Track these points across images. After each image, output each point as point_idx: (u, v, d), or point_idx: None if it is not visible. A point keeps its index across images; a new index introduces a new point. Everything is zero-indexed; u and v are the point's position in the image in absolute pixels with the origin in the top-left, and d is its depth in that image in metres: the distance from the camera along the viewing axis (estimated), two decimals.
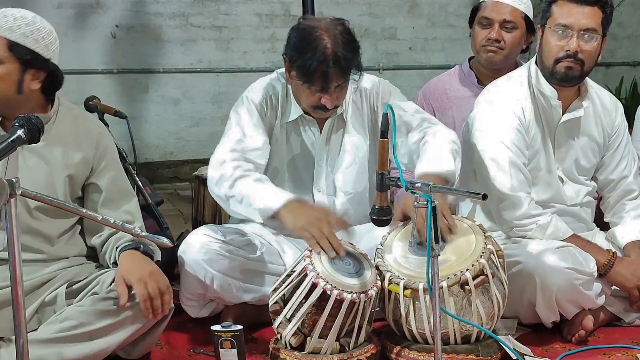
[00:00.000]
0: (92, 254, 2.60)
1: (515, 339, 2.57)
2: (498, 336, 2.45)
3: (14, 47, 2.39)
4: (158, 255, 2.55)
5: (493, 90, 2.85)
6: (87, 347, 2.33)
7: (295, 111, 2.72)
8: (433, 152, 2.61)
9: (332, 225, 2.39)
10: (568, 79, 2.70)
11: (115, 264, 2.49)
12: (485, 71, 3.31)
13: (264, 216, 2.43)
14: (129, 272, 2.38)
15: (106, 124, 3.32)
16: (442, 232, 2.32)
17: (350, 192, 2.79)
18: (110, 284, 2.39)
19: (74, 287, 2.43)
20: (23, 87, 2.42)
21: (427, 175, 2.49)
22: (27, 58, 2.40)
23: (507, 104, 2.76)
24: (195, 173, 3.67)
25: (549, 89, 2.75)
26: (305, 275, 2.34)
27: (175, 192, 5.75)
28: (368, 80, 2.79)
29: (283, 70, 2.70)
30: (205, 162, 2.69)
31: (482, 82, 3.30)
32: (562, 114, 2.79)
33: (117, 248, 2.50)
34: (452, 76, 3.45)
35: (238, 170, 2.53)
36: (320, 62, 2.49)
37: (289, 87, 2.70)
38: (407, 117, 2.74)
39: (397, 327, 2.47)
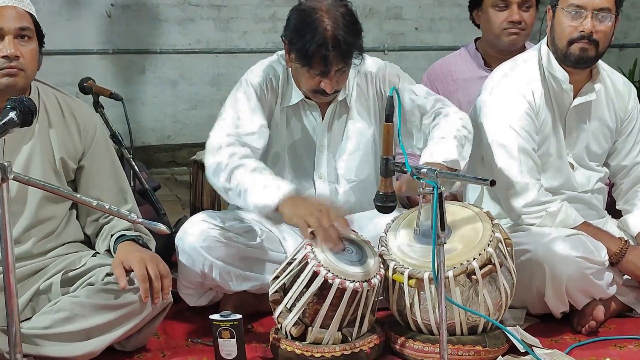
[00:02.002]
0: (89, 239, 2.60)
1: (524, 330, 2.57)
2: (506, 327, 2.45)
3: (36, 23, 2.41)
4: (153, 246, 2.55)
5: (502, 73, 2.84)
6: (85, 346, 2.33)
7: (296, 95, 2.71)
8: (437, 140, 2.60)
9: (333, 219, 2.38)
10: (583, 60, 2.69)
11: (108, 251, 2.50)
12: (497, 54, 3.28)
13: (262, 213, 2.44)
14: (127, 255, 2.39)
15: (101, 106, 3.33)
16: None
17: (353, 179, 2.78)
18: (107, 275, 2.38)
19: (70, 275, 2.43)
20: (39, 67, 2.42)
21: (428, 165, 2.47)
22: (42, 34, 2.41)
23: (517, 87, 2.75)
24: (193, 157, 3.66)
25: (560, 72, 2.74)
26: (306, 263, 2.34)
27: (173, 177, 5.75)
28: (374, 63, 2.77)
29: (284, 52, 2.69)
30: (204, 146, 2.69)
31: (489, 64, 3.29)
32: (574, 98, 2.79)
33: (112, 235, 2.50)
34: (457, 58, 3.44)
35: (234, 158, 2.52)
36: (320, 45, 2.48)
37: (290, 69, 2.69)
38: (420, 100, 2.73)
39: (401, 318, 2.48)
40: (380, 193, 2.25)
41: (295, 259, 2.40)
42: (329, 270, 2.31)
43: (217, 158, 2.54)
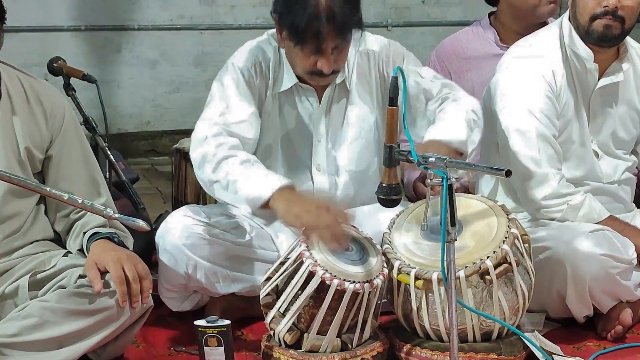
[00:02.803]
0: (59, 237, 2.60)
1: (543, 336, 2.57)
2: (523, 332, 2.45)
3: None
4: (130, 244, 2.55)
5: (519, 51, 2.83)
6: (57, 355, 2.33)
7: (289, 79, 2.70)
8: (446, 119, 2.60)
9: (334, 215, 2.37)
10: (607, 38, 2.69)
11: (81, 250, 2.49)
12: (519, 29, 3.24)
13: (253, 206, 2.43)
14: (102, 255, 2.38)
15: (73, 89, 3.32)
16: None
17: (354, 170, 2.78)
18: (80, 277, 2.38)
19: (38, 277, 2.43)
20: (0, 46, 2.41)
21: (434, 142, 2.48)
22: (3, 9, 2.40)
23: (536, 67, 2.74)
24: (175, 146, 3.65)
25: (584, 50, 2.74)
26: (302, 262, 2.34)
27: (153, 167, 5.75)
28: (376, 41, 2.77)
29: (275, 31, 2.68)
30: (187, 132, 2.69)
31: (505, 41, 3.28)
32: (599, 79, 2.78)
33: (84, 233, 2.49)
34: (469, 34, 3.43)
35: (222, 148, 2.53)
36: (312, 19, 2.47)
37: (282, 51, 2.69)
38: (426, 84, 2.73)
39: (407, 323, 2.48)
40: (384, 185, 2.25)
41: (289, 257, 2.40)
42: (326, 270, 2.31)
43: (203, 149, 2.55)
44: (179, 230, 2.61)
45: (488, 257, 2.35)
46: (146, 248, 2.92)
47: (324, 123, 2.76)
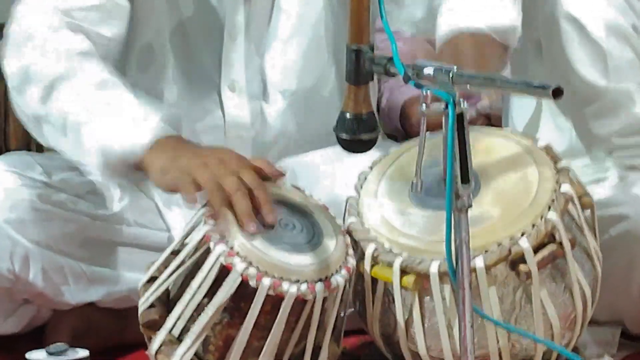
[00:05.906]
0: None
1: None
2: (584, 359, 2.49)
3: None
4: None
5: None
6: None
7: None
8: None
9: (253, 170, 2.38)
10: None
11: None
12: None
13: (112, 167, 2.45)
14: None
15: None
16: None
17: (294, 90, 2.81)
18: None
19: None
20: None
21: (457, 35, 2.54)
22: None
23: None
24: None
25: None
26: (208, 251, 2.34)
27: None
28: None
29: None
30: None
31: None
32: None
33: None
34: None
35: (60, 59, 2.55)
36: None
37: None
38: None
39: (389, 347, 2.51)
40: (347, 115, 2.25)
41: (188, 243, 2.40)
42: (250, 263, 2.31)
43: (24, 58, 2.57)
44: None
45: (523, 234, 2.38)
46: None
47: (242, 11, 2.78)
